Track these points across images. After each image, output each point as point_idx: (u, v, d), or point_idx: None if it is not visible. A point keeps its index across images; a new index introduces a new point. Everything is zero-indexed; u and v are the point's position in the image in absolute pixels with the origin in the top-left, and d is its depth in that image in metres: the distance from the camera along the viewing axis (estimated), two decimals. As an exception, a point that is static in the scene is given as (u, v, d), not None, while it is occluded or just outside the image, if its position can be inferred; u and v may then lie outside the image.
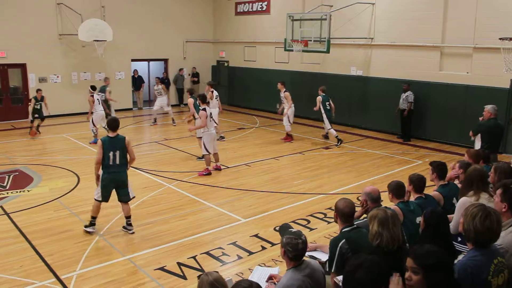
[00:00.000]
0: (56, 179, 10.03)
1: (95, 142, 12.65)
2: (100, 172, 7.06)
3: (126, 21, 18.77)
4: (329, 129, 13.73)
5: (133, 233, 7.26)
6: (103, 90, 15.37)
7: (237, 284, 3.04)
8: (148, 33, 19.60)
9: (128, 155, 7.20)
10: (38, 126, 14.55)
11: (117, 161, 7.01)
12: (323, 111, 13.60)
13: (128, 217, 7.33)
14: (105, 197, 7.14)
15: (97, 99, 13.35)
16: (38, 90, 14.50)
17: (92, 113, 13.31)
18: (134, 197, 7.42)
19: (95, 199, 7.19)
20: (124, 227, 7.33)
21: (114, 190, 7.19)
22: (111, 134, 7.11)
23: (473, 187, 4.95)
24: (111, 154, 6.97)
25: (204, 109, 10.30)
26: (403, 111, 14.01)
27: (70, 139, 14.03)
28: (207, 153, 10.45)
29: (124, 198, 7.24)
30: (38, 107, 14.22)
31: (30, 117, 14.26)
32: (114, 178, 7.07)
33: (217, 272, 3.16)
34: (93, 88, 13.48)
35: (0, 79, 16.92)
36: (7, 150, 12.70)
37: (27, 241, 6.91)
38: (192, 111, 11.86)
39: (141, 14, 19.37)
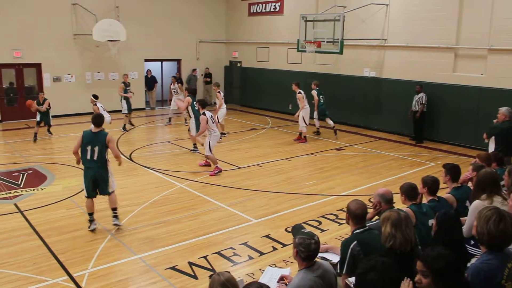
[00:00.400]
0: (69, 178, 10.13)
1: None
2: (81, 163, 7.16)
3: (140, 21, 18.91)
4: (315, 118, 14.55)
5: (118, 225, 7.28)
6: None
7: (247, 287, 3.04)
8: (161, 33, 19.72)
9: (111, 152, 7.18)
10: (48, 129, 14.50)
11: (95, 157, 7.00)
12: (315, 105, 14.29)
13: (114, 209, 7.34)
14: (88, 192, 7.18)
15: (101, 106, 13.19)
16: (40, 93, 14.49)
17: None
18: (113, 191, 7.31)
19: (85, 196, 7.28)
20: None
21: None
22: (93, 129, 7.13)
23: (486, 190, 4.90)
24: (89, 148, 6.98)
25: (204, 113, 10.38)
26: (416, 112, 13.90)
27: (83, 138, 14.11)
28: (210, 154, 10.55)
29: (103, 192, 7.26)
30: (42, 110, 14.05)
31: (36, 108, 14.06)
32: (93, 174, 7.09)
33: (228, 272, 3.16)
34: (95, 97, 13.24)
35: (16, 78, 17.14)
36: (21, 148, 12.85)
37: (40, 239, 6.99)
38: (184, 107, 12.22)
39: (155, 14, 19.50)
